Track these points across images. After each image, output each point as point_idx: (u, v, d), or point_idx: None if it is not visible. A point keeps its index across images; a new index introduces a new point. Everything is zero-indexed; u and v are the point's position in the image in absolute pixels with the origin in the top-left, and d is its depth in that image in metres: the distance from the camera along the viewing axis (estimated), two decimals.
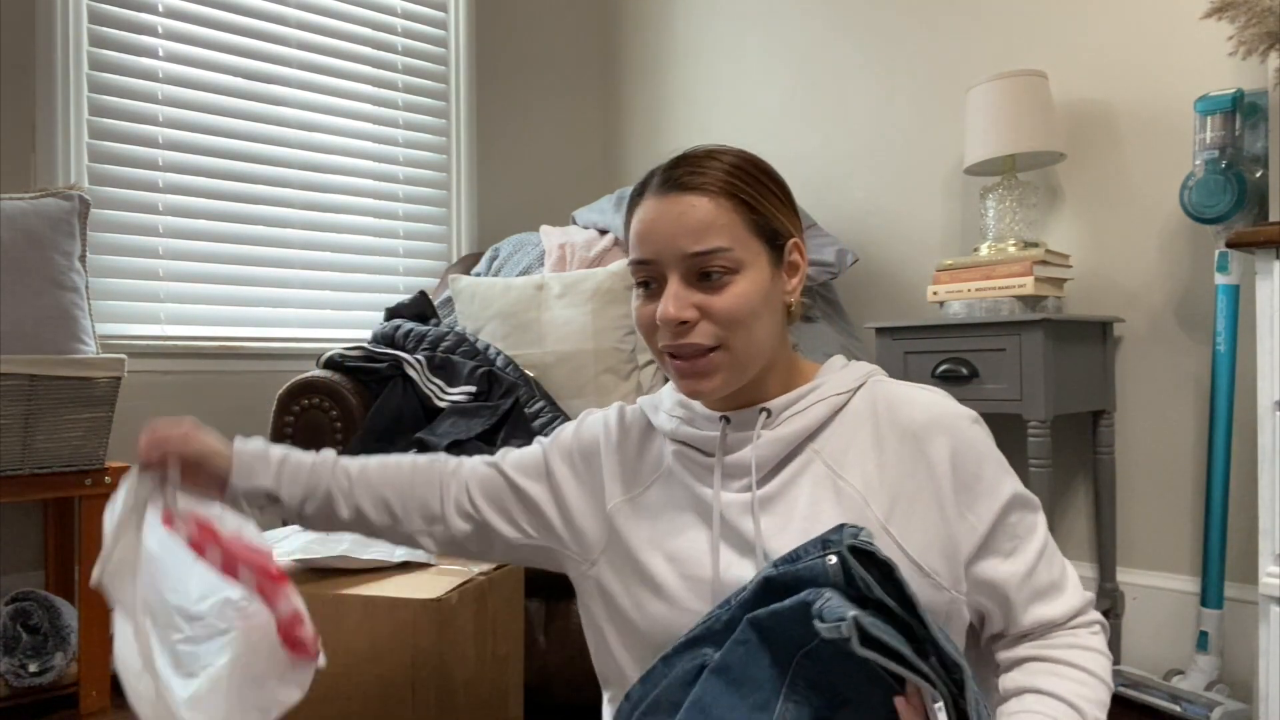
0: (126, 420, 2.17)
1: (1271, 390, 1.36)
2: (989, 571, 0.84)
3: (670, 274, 0.86)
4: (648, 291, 0.89)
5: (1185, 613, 1.86)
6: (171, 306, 2.29)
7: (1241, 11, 1.55)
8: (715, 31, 2.81)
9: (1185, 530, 1.88)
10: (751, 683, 0.75)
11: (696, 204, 0.86)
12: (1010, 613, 0.85)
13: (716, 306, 0.85)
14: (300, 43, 2.51)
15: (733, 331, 0.86)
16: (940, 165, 2.27)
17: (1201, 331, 1.85)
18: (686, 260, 0.85)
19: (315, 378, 1.85)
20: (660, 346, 0.89)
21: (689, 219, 0.85)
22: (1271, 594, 1.35)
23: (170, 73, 2.28)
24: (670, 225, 0.86)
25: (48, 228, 1.84)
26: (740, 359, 0.87)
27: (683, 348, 0.86)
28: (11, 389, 1.71)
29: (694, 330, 0.86)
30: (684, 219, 0.85)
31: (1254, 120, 1.70)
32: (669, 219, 0.86)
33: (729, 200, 0.87)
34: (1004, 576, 0.84)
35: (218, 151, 2.36)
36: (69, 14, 2.11)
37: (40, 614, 1.84)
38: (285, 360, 2.42)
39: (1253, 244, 1.36)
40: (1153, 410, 1.93)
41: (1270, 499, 1.35)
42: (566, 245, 2.48)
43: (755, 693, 0.74)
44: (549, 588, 1.58)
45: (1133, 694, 1.76)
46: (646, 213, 0.88)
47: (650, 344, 0.91)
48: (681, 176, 0.86)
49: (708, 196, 0.86)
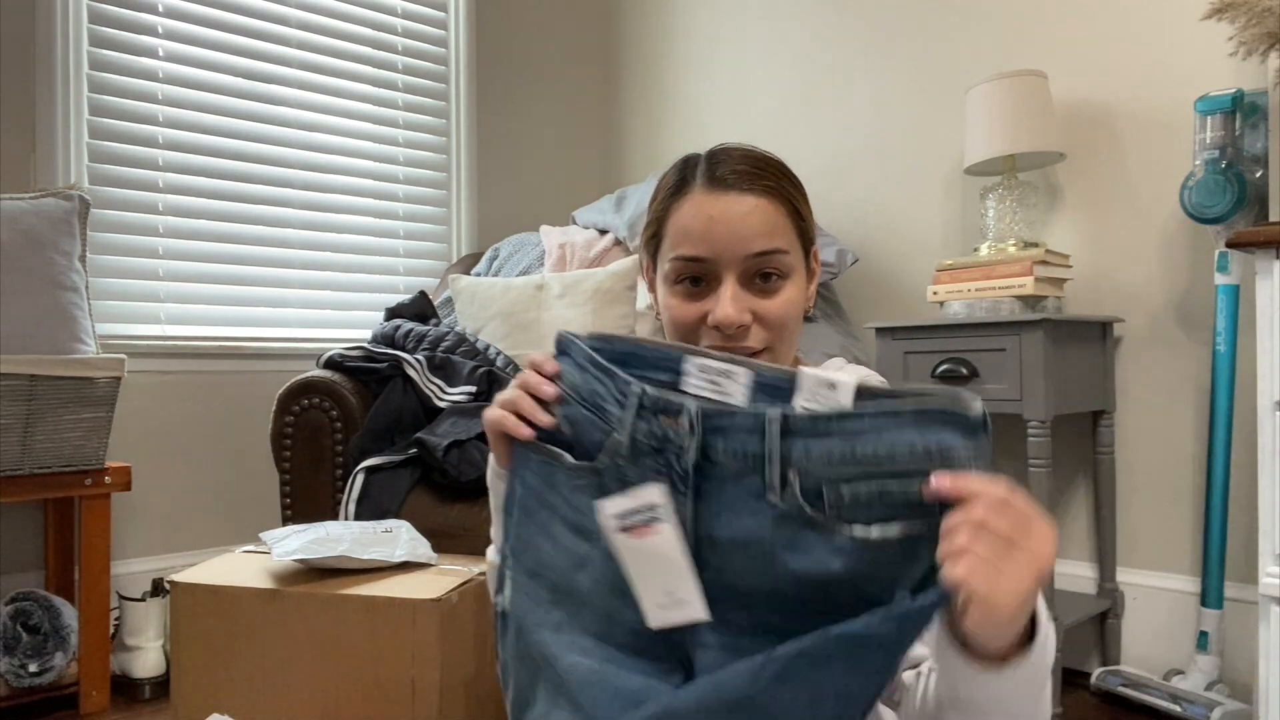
0: (126, 420, 2.18)
1: (1271, 390, 1.36)
2: None
3: (726, 274, 0.84)
4: (693, 289, 0.87)
5: (1185, 613, 1.86)
6: (171, 306, 2.29)
7: (1241, 12, 1.55)
8: (715, 31, 2.81)
9: (1185, 530, 1.88)
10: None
11: (759, 205, 0.85)
12: None
13: (769, 311, 0.85)
14: (300, 43, 2.51)
15: (779, 336, 0.86)
16: (940, 165, 2.27)
17: (1201, 331, 1.85)
18: (748, 261, 0.84)
19: (315, 378, 1.85)
20: (704, 346, 0.86)
21: (754, 220, 0.84)
22: (1271, 594, 1.35)
23: (170, 73, 2.28)
24: (735, 224, 0.84)
25: (48, 228, 1.84)
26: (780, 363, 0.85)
27: (734, 350, 0.84)
28: (11, 389, 1.71)
29: (748, 334, 0.85)
30: (748, 219, 0.84)
31: (1254, 120, 1.70)
32: (733, 218, 0.84)
33: (783, 204, 0.86)
34: None
35: (218, 151, 2.36)
36: (69, 14, 2.11)
37: (40, 614, 1.84)
38: (285, 360, 2.42)
39: (1253, 244, 1.36)
40: (1153, 410, 1.93)
41: (1270, 499, 1.35)
42: (566, 245, 2.48)
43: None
44: None
45: (1133, 694, 1.76)
46: (702, 208, 0.85)
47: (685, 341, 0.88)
48: (735, 176, 0.84)
49: (767, 199, 0.85)
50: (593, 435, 0.74)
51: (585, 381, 0.76)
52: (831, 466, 0.65)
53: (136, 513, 2.20)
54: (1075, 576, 2.02)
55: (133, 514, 2.19)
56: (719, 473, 0.69)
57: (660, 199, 0.91)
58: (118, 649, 1.95)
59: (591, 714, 0.71)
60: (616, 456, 0.72)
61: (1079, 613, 1.81)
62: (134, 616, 1.95)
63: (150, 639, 1.96)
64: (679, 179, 0.89)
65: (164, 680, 1.95)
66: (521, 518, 0.78)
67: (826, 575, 0.65)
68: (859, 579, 0.64)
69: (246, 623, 1.30)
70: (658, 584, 0.69)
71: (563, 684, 0.73)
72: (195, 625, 1.32)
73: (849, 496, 0.64)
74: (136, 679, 1.93)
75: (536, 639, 0.75)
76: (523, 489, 0.78)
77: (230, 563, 1.44)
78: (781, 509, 0.66)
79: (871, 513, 0.64)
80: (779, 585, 0.67)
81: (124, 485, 1.87)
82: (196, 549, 2.29)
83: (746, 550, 0.68)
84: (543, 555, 0.76)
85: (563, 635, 0.75)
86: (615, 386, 0.74)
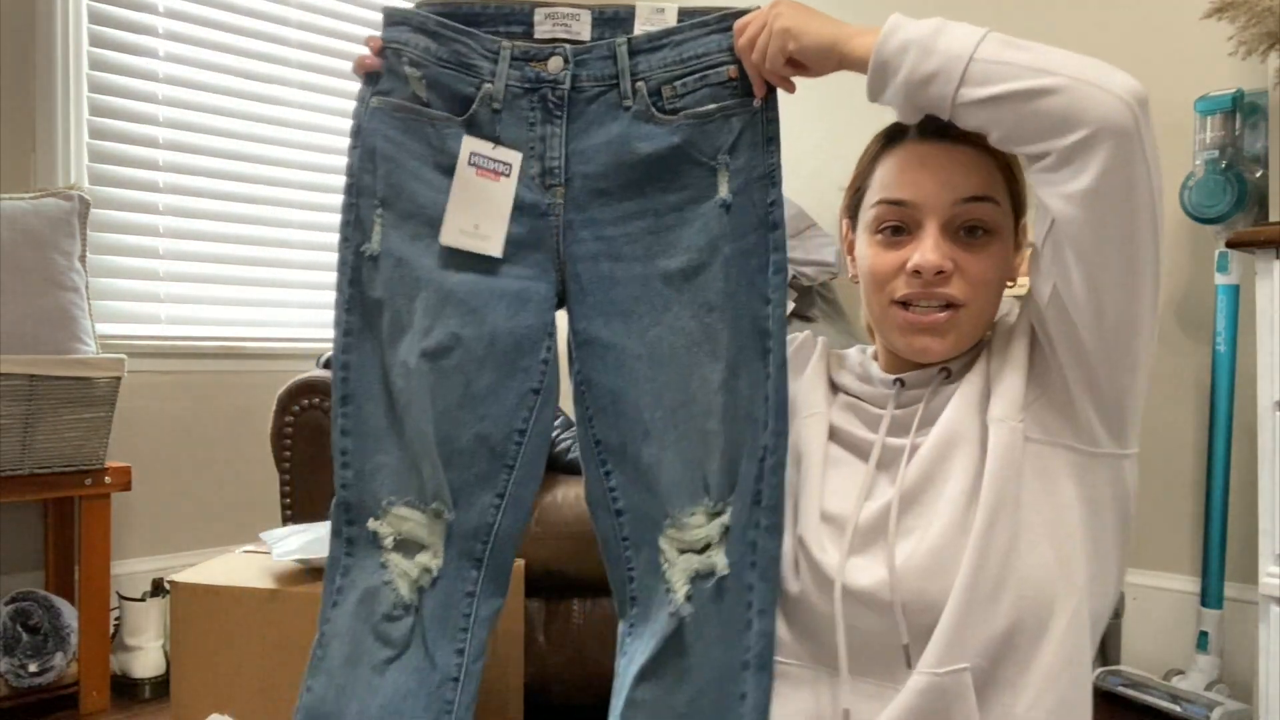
0: (126, 420, 2.17)
1: (1271, 390, 1.36)
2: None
3: (929, 221, 0.83)
4: (893, 237, 0.86)
5: (1185, 613, 1.86)
6: (171, 306, 2.29)
7: (1241, 11, 1.55)
8: None
9: (1185, 530, 1.88)
10: None
11: (975, 155, 0.84)
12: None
13: (973, 267, 0.83)
14: (300, 43, 2.51)
15: (979, 294, 0.84)
16: None
17: (1201, 331, 1.85)
18: (955, 207, 0.83)
19: (315, 378, 1.85)
20: (898, 296, 0.85)
21: (964, 163, 0.84)
22: (1271, 594, 1.35)
23: (170, 73, 2.28)
24: (943, 169, 0.83)
25: (48, 228, 1.84)
26: (974, 324, 0.85)
27: (931, 298, 0.83)
28: (11, 389, 1.71)
29: (949, 281, 0.83)
30: (958, 163, 0.84)
31: (1254, 120, 1.70)
32: (942, 162, 0.84)
33: (997, 160, 0.85)
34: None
35: (218, 151, 2.36)
36: (69, 14, 2.11)
37: (40, 614, 1.84)
38: (285, 360, 2.42)
39: (1253, 244, 1.36)
40: (1153, 410, 1.92)
41: (1270, 499, 1.35)
42: None
43: None
44: (549, 588, 1.58)
45: (1133, 694, 1.75)
46: (911, 155, 0.86)
47: (878, 297, 0.87)
48: (953, 128, 0.83)
49: (981, 150, 0.84)
50: (461, 90, 0.88)
51: (442, 45, 0.89)
52: (666, 70, 0.87)
53: (136, 513, 2.20)
54: None
55: (133, 514, 2.19)
56: (583, 97, 0.88)
57: (868, 157, 0.92)
58: (118, 649, 1.95)
59: (482, 314, 0.85)
60: (491, 103, 0.88)
61: None
62: (134, 616, 1.95)
63: (150, 639, 1.96)
64: (891, 133, 0.90)
65: (164, 680, 1.95)
66: (391, 168, 0.89)
67: (668, 149, 0.86)
68: (690, 147, 0.86)
69: (246, 623, 1.29)
70: (473, 216, 0.86)
71: (449, 295, 0.85)
72: (195, 625, 1.32)
73: (680, 89, 0.87)
74: (136, 679, 1.93)
75: (416, 265, 0.87)
76: (385, 143, 0.90)
77: (230, 563, 1.43)
78: (634, 110, 0.87)
79: (696, 97, 0.86)
80: (634, 172, 0.87)
81: (124, 485, 1.87)
82: (196, 549, 2.28)
83: (608, 148, 0.87)
84: (418, 197, 0.88)
85: (442, 259, 0.86)
86: (481, 45, 0.88)
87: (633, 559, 0.86)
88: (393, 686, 0.83)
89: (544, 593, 1.59)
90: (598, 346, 0.85)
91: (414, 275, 0.86)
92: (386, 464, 0.87)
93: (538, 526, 1.55)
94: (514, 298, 0.85)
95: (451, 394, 0.83)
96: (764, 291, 0.85)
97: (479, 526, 0.84)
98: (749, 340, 0.84)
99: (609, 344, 0.85)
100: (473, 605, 0.85)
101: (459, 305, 0.84)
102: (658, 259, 0.85)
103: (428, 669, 0.83)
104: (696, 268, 0.84)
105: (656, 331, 0.84)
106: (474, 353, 0.84)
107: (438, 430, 0.83)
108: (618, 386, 0.84)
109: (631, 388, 0.84)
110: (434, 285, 0.85)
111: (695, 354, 0.83)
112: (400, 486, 0.86)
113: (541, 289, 0.86)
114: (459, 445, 0.83)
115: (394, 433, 0.86)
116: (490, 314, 0.84)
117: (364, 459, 0.87)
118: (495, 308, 0.84)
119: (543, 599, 1.59)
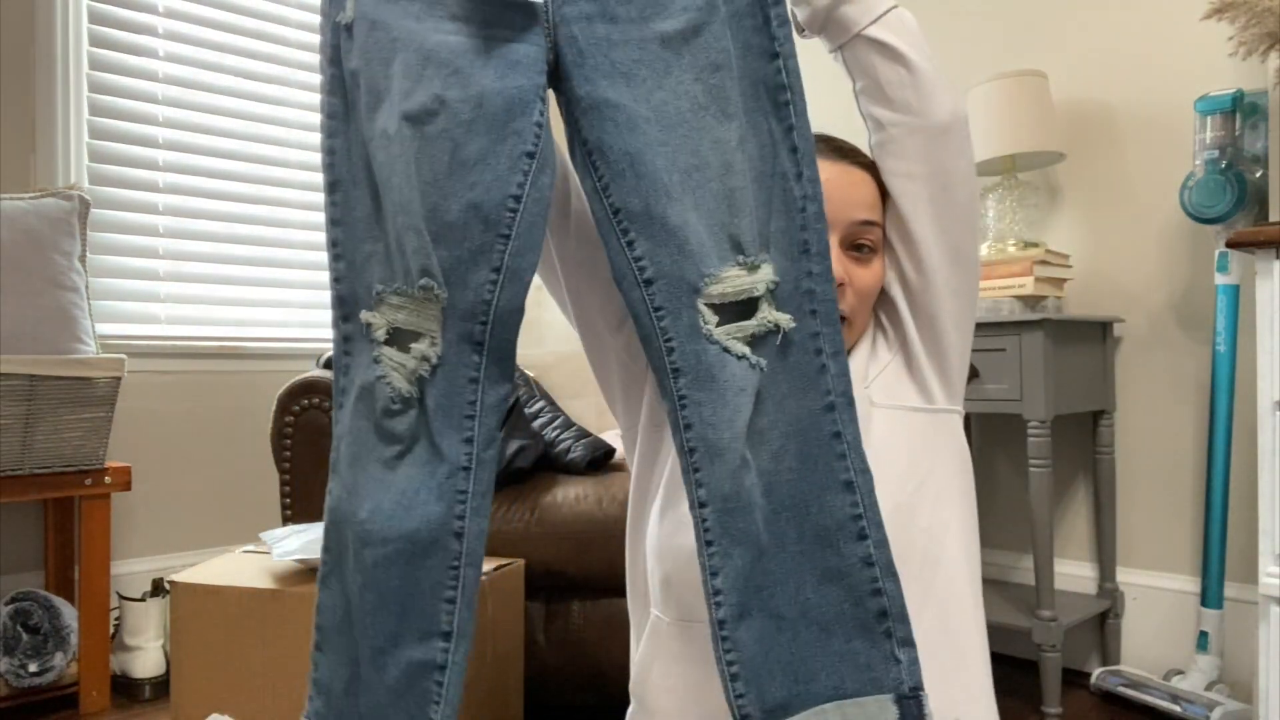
0: (126, 420, 2.18)
1: (1271, 390, 1.36)
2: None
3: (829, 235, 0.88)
4: None
5: (1185, 613, 1.86)
6: (171, 306, 2.29)
7: (1241, 12, 1.55)
8: None
9: (1185, 530, 1.88)
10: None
11: (866, 179, 0.92)
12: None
13: (861, 279, 0.90)
14: (300, 43, 2.51)
15: (863, 306, 0.91)
16: None
17: (1201, 331, 1.85)
18: (851, 228, 0.90)
19: (315, 378, 1.85)
20: None
21: (863, 190, 0.91)
22: (1271, 594, 1.35)
23: (170, 73, 2.28)
24: (844, 190, 0.90)
25: (48, 228, 1.84)
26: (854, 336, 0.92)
27: None
28: (11, 389, 1.71)
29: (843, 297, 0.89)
30: (858, 188, 0.91)
31: (1254, 120, 1.70)
32: (843, 184, 0.90)
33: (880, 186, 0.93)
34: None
35: (218, 151, 2.36)
36: (69, 14, 2.11)
37: (40, 614, 1.84)
38: (285, 360, 2.42)
39: (1253, 244, 1.36)
40: (1153, 410, 1.93)
41: (1270, 499, 1.35)
42: None
43: None
44: (549, 588, 1.58)
45: (1133, 694, 1.76)
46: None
47: None
48: (850, 150, 0.92)
49: (872, 175, 0.92)
50: None
51: None
52: None
53: (136, 513, 2.20)
54: (1075, 576, 2.02)
55: (133, 514, 2.19)
56: None
57: None
58: (118, 649, 1.95)
59: (467, 75, 0.79)
60: None
61: (1079, 613, 1.81)
62: (134, 616, 1.95)
63: (150, 639, 1.96)
64: None
65: (164, 680, 1.95)
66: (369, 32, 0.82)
67: None
68: None
69: (246, 623, 1.29)
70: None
71: (429, 56, 0.79)
72: (195, 625, 1.32)
73: None
74: (136, 679, 1.93)
75: (393, 27, 0.81)
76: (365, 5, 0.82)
77: (230, 563, 1.44)
78: None
79: None
80: None
81: (124, 485, 1.87)
82: (196, 549, 2.29)
83: None
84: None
85: (419, 19, 0.80)
86: None
87: (670, 328, 0.79)
88: (405, 480, 0.79)
89: (544, 593, 1.59)
90: (606, 108, 0.79)
91: (390, 37, 0.79)
92: (376, 252, 0.82)
93: (538, 527, 1.55)
94: (501, 59, 0.79)
95: (438, 161, 0.77)
96: (768, 46, 0.82)
97: (475, 305, 0.78)
98: (760, 95, 0.81)
99: (618, 104, 0.79)
100: (477, 391, 0.79)
101: (441, 66, 0.78)
102: (652, 21, 0.80)
103: (436, 461, 0.79)
104: (696, 28, 0.80)
105: (660, 95, 0.79)
106: (460, 116, 0.77)
107: (424, 202, 0.77)
108: (635, 148, 0.78)
109: (647, 149, 0.78)
110: (413, 46, 0.79)
111: (702, 116, 0.79)
112: (391, 273, 0.81)
113: (531, 51, 0.80)
114: (449, 218, 0.77)
115: (382, 218, 0.81)
116: (477, 75, 0.78)
117: (354, 248, 0.82)
118: (482, 69, 0.78)
119: (543, 599, 1.60)
